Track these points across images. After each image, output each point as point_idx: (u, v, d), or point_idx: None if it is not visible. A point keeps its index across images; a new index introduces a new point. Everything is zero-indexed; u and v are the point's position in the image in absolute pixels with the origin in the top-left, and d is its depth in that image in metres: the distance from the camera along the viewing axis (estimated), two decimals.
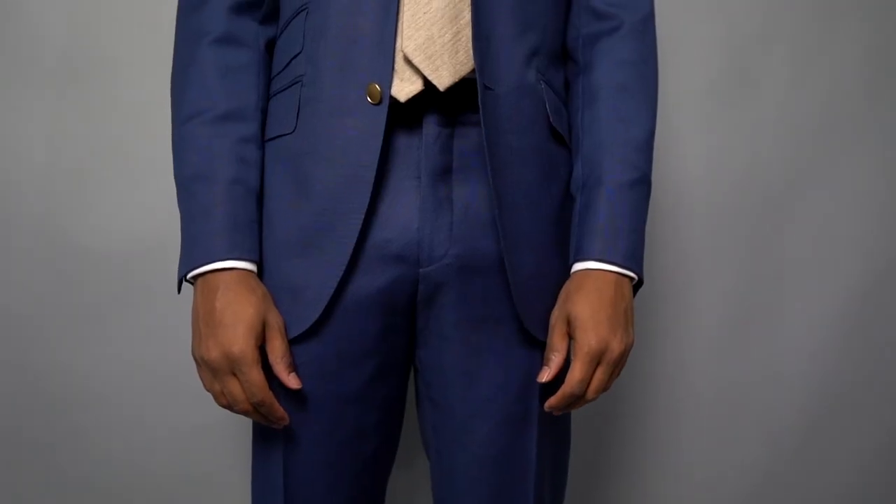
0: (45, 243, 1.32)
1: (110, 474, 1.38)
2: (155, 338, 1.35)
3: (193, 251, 0.78)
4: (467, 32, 0.76)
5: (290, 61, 0.81)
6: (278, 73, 0.84)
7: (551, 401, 0.78)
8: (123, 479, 1.38)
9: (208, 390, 0.78)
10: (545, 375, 0.78)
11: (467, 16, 0.76)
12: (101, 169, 1.31)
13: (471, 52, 0.76)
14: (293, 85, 0.80)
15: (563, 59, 0.88)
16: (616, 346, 0.77)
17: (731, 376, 1.52)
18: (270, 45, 0.85)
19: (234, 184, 0.78)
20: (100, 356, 1.35)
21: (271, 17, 0.85)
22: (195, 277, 0.78)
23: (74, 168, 1.31)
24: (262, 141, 0.83)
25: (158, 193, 1.32)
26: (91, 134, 1.31)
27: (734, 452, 1.54)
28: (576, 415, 1.38)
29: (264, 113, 0.84)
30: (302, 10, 0.80)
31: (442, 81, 0.75)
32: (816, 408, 1.55)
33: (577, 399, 0.78)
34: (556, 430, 0.87)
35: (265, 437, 0.85)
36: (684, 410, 1.52)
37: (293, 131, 0.80)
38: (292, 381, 0.77)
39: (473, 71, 0.76)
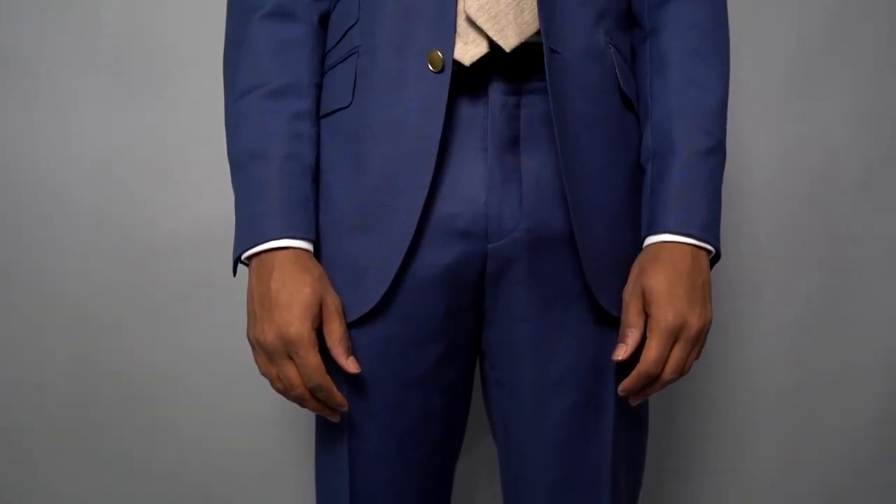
0: (104, 236, 1.31)
1: (182, 466, 1.37)
2: (217, 326, 1.34)
3: (247, 231, 0.76)
4: None
5: (345, 33, 0.79)
6: (333, 47, 0.81)
7: (625, 384, 0.74)
8: (195, 471, 1.38)
9: (263, 374, 0.75)
10: (622, 353, 0.74)
11: None
12: (158, 158, 1.31)
13: (536, 12, 0.72)
14: (349, 57, 0.78)
15: (629, 23, 0.84)
16: (695, 322, 0.72)
17: (807, 371, 1.47)
18: (324, 19, 0.83)
19: (288, 160, 0.76)
20: (167, 348, 1.34)
21: None
22: (250, 258, 0.76)
23: (133, 158, 1.30)
24: (318, 117, 0.81)
25: (218, 181, 1.28)
26: (147, 122, 1.30)
27: (810, 450, 1.49)
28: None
29: (319, 88, 0.81)
30: None
31: (508, 42, 0.72)
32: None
33: (654, 380, 0.74)
34: (634, 413, 0.83)
35: (329, 424, 0.82)
36: (758, 406, 1.47)
37: (349, 105, 0.77)
38: (351, 365, 0.74)
39: (539, 34, 0.72)
